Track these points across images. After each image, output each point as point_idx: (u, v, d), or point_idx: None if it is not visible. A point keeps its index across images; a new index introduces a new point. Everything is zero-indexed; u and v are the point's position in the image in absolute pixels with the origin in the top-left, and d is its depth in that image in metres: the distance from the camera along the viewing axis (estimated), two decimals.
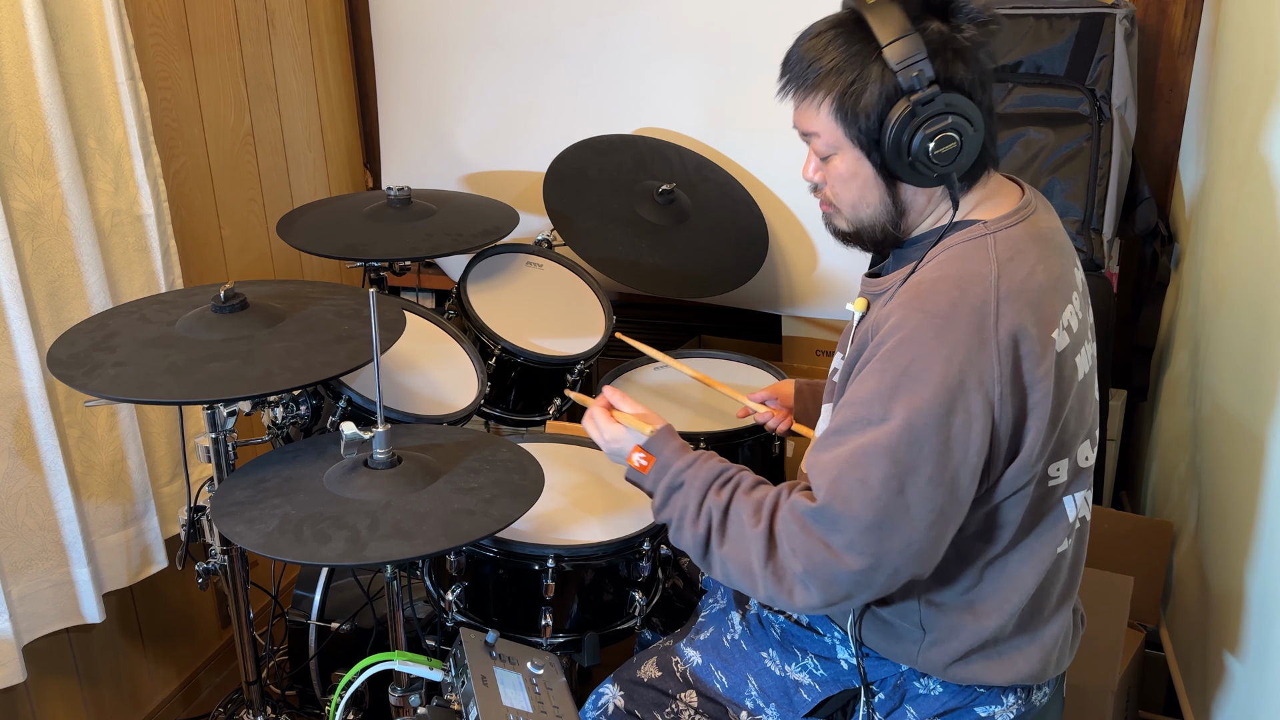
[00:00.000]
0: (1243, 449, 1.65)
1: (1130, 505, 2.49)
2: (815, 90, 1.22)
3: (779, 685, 1.39)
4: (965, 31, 1.18)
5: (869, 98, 1.19)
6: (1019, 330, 1.16)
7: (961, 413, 1.15)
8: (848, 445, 1.18)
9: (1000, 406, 1.16)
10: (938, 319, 1.16)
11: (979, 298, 1.17)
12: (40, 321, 1.73)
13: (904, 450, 1.15)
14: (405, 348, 1.87)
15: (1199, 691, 1.81)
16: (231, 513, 1.36)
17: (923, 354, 1.16)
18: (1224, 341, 1.81)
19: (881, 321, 1.21)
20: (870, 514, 1.15)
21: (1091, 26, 2.10)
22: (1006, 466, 1.21)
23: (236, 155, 2.27)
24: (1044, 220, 1.28)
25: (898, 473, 1.15)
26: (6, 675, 1.72)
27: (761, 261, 2.26)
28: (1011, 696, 1.33)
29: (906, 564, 1.17)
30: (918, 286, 1.21)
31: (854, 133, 1.21)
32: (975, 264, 1.20)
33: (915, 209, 1.27)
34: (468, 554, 1.60)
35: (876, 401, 1.17)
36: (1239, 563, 1.64)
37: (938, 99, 1.17)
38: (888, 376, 1.17)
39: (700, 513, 1.27)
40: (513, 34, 2.41)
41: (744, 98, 2.28)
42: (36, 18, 1.63)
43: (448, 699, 1.42)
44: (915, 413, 1.15)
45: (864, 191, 1.26)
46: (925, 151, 1.18)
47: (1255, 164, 1.71)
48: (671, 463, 1.33)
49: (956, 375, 1.14)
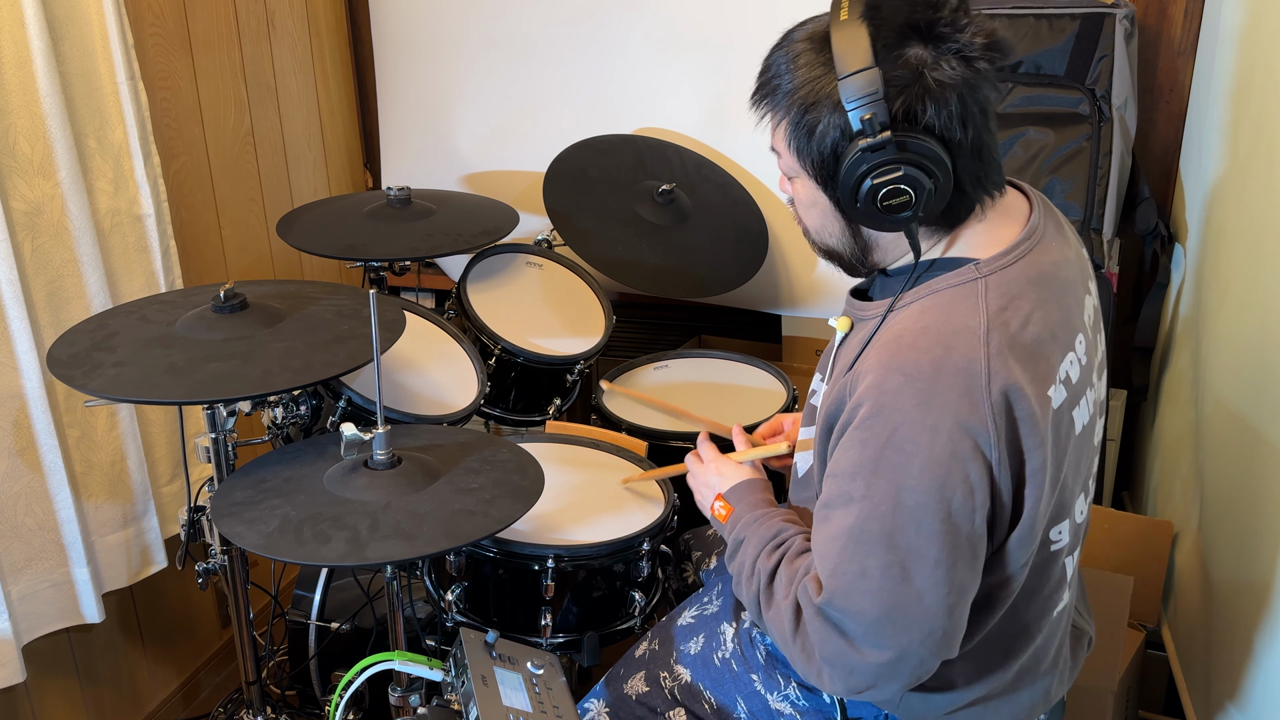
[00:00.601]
0: (1245, 448, 1.65)
1: (1132, 505, 2.49)
2: (775, 109, 1.13)
3: (765, 711, 1.35)
4: (943, 70, 1.04)
5: (822, 131, 1.08)
6: (1011, 389, 1.04)
7: (961, 484, 1.04)
8: (834, 524, 1.09)
9: (999, 471, 1.05)
10: (919, 382, 1.04)
11: (965, 356, 1.04)
12: (40, 321, 1.73)
13: (901, 534, 1.05)
14: (405, 348, 1.87)
15: (1201, 691, 1.81)
16: (231, 513, 1.36)
17: (905, 423, 1.04)
18: (1225, 341, 1.81)
19: (859, 377, 1.10)
20: (876, 608, 1.06)
21: (1091, 26, 2.10)
22: (1009, 534, 1.11)
23: (236, 155, 2.27)
24: (1051, 252, 1.14)
25: (898, 559, 1.05)
26: (6, 675, 1.72)
27: (761, 261, 2.26)
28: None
29: (931, 653, 1.08)
30: (897, 341, 1.08)
31: (807, 164, 1.12)
32: (962, 315, 1.07)
33: (881, 247, 1.17)
34: (468, 554, 1.60)
35: (859, 477, 1.07)
36: (1242, 561, 1.64)
37: (888, 146, 1.04)
38: (869, 449, 1.06)
39: (754, 572, 1.21)
40: (513, 34, 2.41)
41: (744, 98, 2.25)
42: (36, 18, 1.62)
43: (448, 699, 1.42)
44: (905, 491, 1.04)
45: (825, 221, 1.18)
46: (873, 201, 1.07)
47: (1255, 164, 1.71)
48: (743, 515, 1.28)
49: (945, 447, 1.03)
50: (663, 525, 1.64)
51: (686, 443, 1.89)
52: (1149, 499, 2.34)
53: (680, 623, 1.50)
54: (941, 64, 1.04)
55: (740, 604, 1.46)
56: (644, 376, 2.13)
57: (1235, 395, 1.72)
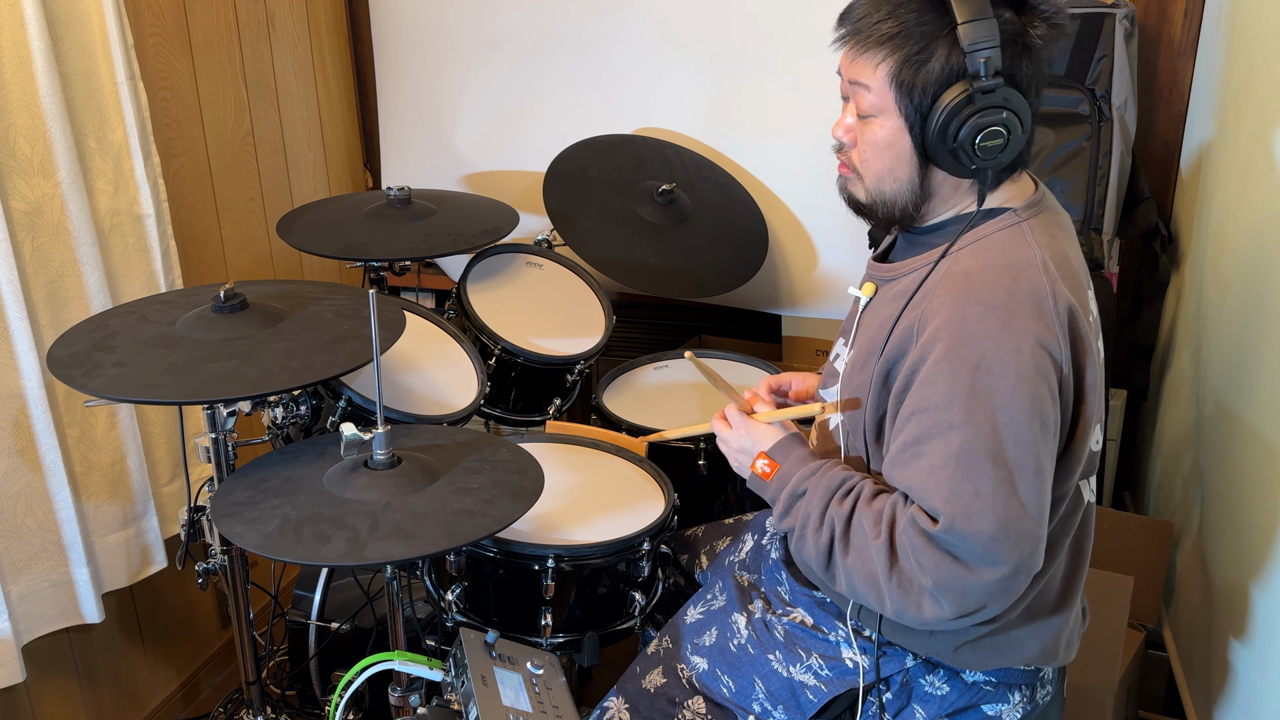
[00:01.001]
0: (1246, 448, 1.65)
1: (1133, 505, 2.49)
2: (878, 48, 1.18)
3: (786, 687, 1.37)
4: (1038, 29, 1.16)
5: (930, 71, 1.16)
6: (1073, 309, 1.16)
7: (1048, 396, 1.14)
8: (937, 453, 1.14)
9: (1068, 384, 1.16)
10: (997, 309, 1.14)
11: (1032, 282, 1.16)
12: (40, 321, 1.73)
13: (1004, 451, 1.12)
14: (405, 348, 1.87)
15: (1202, 690, 1.81)
16: (231, 513, 1.36)
17: (991, 347, 1.13)
18: (1226, 341, 1.81)
19: (928, 316, 1.18)
20: (992, 525, 1.11)
21: (1091, 26, 2.10)
22: (1066, 449, 1.19)
23: (236, 155, 2.27)
24: (1058, 210, 1.28)
25: (1005, 475, 1.12)
26: (6, 675, 1.72)
27: (761, 261, 2.26)
28: (1017, 694, 1.33)
29: (1034, 562, 1.14)
30: (965, 278, 1.18)
31: (904, 102, 1.18)
32: (1018, 250, 1.19)
33: (941, 195, 1.25)
34: (468, 554, 1.60)
35: (956, 404, 1.13)
36: (1243, 561, 1.64)
37: (999, 90, 1.15)
38: (961, 376, 1.14)
39: (823, 522, 1.23)
40: (513, 34, 2.41)
41: (744, 98, 2.28)
42: (36, 18, 1.62)
43: (448, 699, 1.42)
44: (1000, 410, 1.12)
45: (895, 165, 1.23)
46: (970, 142, 1.16)
47: (1256, 163, 1.71)
48: (795, 470, 1.30)
49: (1030, 364, 1.13)
50: (663, 525, 1.64)
51: (686, 443, 1.89)
52: (1149, 499, 2.34)
53: (689, 620, 1.52)
54: (1035, 25, 1.16)
55: (748, 593, 1.47)
56: (644, 376, 2.13)
57: (1236, 395, 1.72)
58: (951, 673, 1.33)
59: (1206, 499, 1.87)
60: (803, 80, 2.20)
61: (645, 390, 2.08)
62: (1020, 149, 1.19)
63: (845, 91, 1.26)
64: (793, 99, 2.21)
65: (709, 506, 1.95)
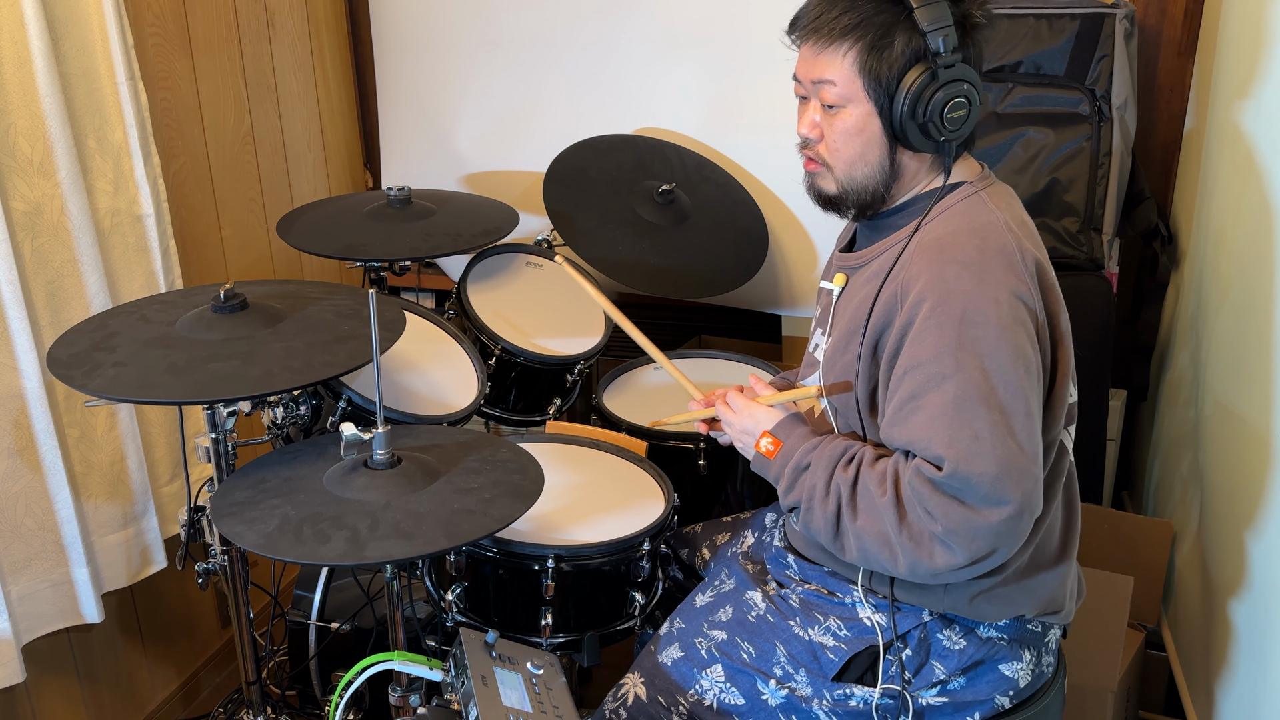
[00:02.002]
0: (1246, 448, 1.65)
1: (1132, 505, 2.49)
2: (842, 39, 1.26)
3: (806, 650, 1.40)
4: (975, 12, 1.27)
5: (894, 53, 1.25)
6: (1039, 262, 1.26)
7: (1028, 342, 1.22)
8: (934, 404, 1.21)
9: (1043, 331, 1.24)
10: (972, 266, 1.23)
11: (1000, 240, 1.25)
12: (40, 321, 1.73)
13: (996, 395, 1.19)
14: (405, 348, 1.87)
15: (1202, 690, 1.81)
16: (231, 513, 1.36)
17: (971, 300, 1.21)
18: (1226, 341, 1.81)
19: (909, 283, 1.26)
20: (995, 465, 1.18)
21: (1091, 26, 2.10)
22: (1049, 393, 1.27)
23: (236, 155, 2.27)
24: (1003, 184, 1.38)
25: (1000, 418, 1.19)
26: (6, 675, 1.72)
27: (761, 261, 2.26)
28: (1027, 653, 1.38)
29: (1035, 502, 1.21)
30: (938, 242, 1.26)
31: (873, 87, 1.26)
32: (982, 214, 1.28)
33: (908, 174, 1.33)
34: (468, 554, 1.60)
35: (946, 356, 1.21)
36: (1243, 561, 1.64)
37: (958, 65, 1.24)
38: (948, 330, 1.21)
39: (829, 490, 1.29)
40: (513, 34, 2.41)
41: (744, 98, 2.28)
42: (36, 18, 1.62)
43: (448, 699, 1.42)
44: (987, 357, 1.20)
45: (866, 149, 1.31)
46: (939, 114, 1.25)
47: (1256, 163, 1.71)
48: (798, 445, 1.35)
49: (1009, 313, 1.21)
50: (663, 525, 1.64)
51: (686, 443, 1.89)
52: (1149, 499, 2.34)
53: (698, 604, 1.53)
54: (973, 10, 1.27)
55: (758, 576, 1.49)
56: (644, 376, 2.13)
57: (1235, 395, 1.72)
58: (967, 628, 1.36)
59: (1206, 499, 1.87)
60: None
61: (645, 390, 2.08)
62: (976, 120, 1.28)
63: (804, 93, 1.34)
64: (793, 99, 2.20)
65: (709, 506, 1.96)
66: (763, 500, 1.91)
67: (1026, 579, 1.34)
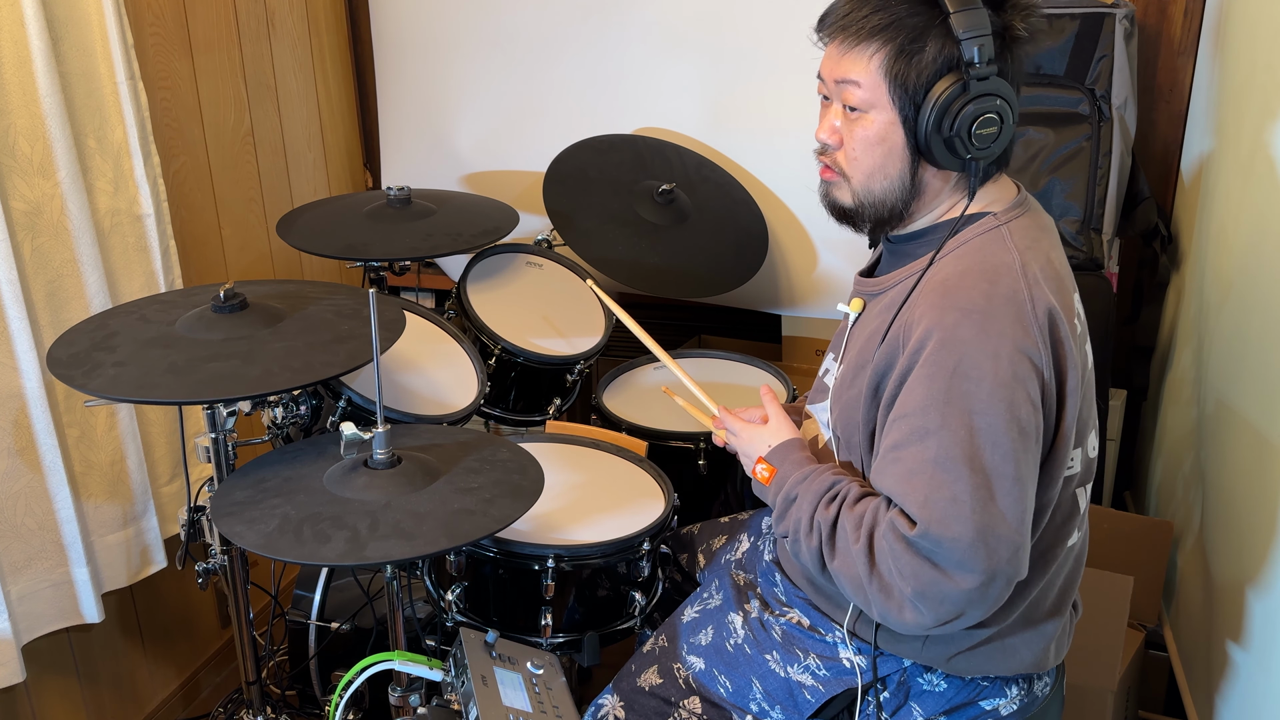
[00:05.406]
0: (1248, 447, 1.65)
1: (1133, 505, 2.49)
2: (870, 40, 1.17)
3: (783, 687, 1.37)
4: (1019, 23, 1.17)
5: (925, 60, 1.16)
6: (1053, 312, 1.15)
7: (1025, 403, 1.13)
8: (915, 459, 1.14)
9: (1049, 388, 1.15)
10: (975, 314, 1.14)
11: (1010, 287, 1.15)
12: (40, 321, 1.73)
13: (981, 456, 1.12)
14: (405, 348, 1.87)
15: (1202, 690, 1.81)
16: (231, 513, 1.36)
17: (969, 353, 1.13)
18: (1228, 340, 1.81)
19: (911, 326, 1.18)
20: (970, 532, 1.11)
21: (1091, 26, 2.10)
22: (1048, 454, 1.18)
23: (236, 155, 2.27)
24: (1041, 212, 1.28)
25: (983, 481, 1.11)
26: (6, 675, 1.72)
27: (761, 261, 2.26)
28: (1014, 688, 1.33)
29: (1014, 570, 1.14)
30: (943, 284, 1.18)
31: (899, 93, 1.18)
32: (996, 254, 1.18)
33: (930, 192, 1.24)
34: (468, 554, 1.60)
35: (932, 410, 1.13)
36: (1244, 561, 1.64)
37: (991, 79, 1.15)
38: (938, 382, 1.13)
39: (812, 527, 1.24)
40: (513, 34, 2.41)
41: (744, 98, 2.28)
42: (36, 18, 1.62)
43: (448, 699, 1.42)
44: (977, 415, 1.12)
45: (886, 161, 1.22)
46: (967, 129, 1.16)
47: (1257, 163, 1.71)
48: (790, 474, 1.30)
49: (1008, 369, 1.12)
50: (663, 525, 1.64)
51: (686, 443, 1.89)
52: (1150, 499, 2.34)
53: (685, 619, 1.51)
54: (1015, 22, 1.18)
55: (744, 593, 1.47)
56: (644, 376, 2.13)
57: (1236, 395, 1.72)
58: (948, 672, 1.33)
59: (1207, 499, 1.87)
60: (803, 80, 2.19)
61: (645, 390, 2.08)
62: (1009, 140, 1.20)
63: (827, 93, 1.25)
64: (793, 99, 2.21)
65: (708, 506, 1.95)
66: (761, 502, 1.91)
67: (1014, 635, 1.28)
